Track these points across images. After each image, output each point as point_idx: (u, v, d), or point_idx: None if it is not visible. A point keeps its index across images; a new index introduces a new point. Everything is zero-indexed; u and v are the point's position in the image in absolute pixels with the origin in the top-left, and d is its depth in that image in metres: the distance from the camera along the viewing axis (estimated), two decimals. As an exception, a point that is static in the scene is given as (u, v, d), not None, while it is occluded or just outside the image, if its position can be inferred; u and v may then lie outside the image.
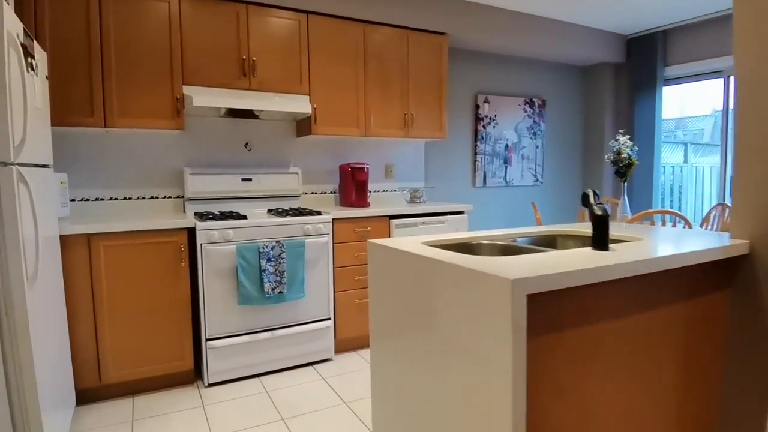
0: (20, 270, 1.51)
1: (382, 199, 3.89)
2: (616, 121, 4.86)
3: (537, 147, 4.71)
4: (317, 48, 3.17)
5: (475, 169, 4.35)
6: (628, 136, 3.64)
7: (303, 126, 3.32)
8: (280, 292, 2.71)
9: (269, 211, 3.19)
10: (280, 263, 2.70)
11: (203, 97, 2.73)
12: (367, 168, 3.46)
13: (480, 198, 4.44)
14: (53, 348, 1.90)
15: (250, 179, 3.21)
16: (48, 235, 1.97)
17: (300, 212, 2.94)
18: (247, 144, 3.31)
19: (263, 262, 2.66)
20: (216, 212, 2.97)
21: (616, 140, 3.65)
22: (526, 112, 4.60)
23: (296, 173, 3.39)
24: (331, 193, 3.65)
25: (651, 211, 3.12)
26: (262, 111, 3.07)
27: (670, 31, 4.38)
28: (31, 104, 1.72)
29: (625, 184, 3.65)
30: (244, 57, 2.93)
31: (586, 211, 4.33)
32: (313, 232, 2.87)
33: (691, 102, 5.56)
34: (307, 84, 3.15)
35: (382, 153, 3.85)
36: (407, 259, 1.38)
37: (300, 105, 3.01)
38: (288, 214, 2.88)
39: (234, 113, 3.15)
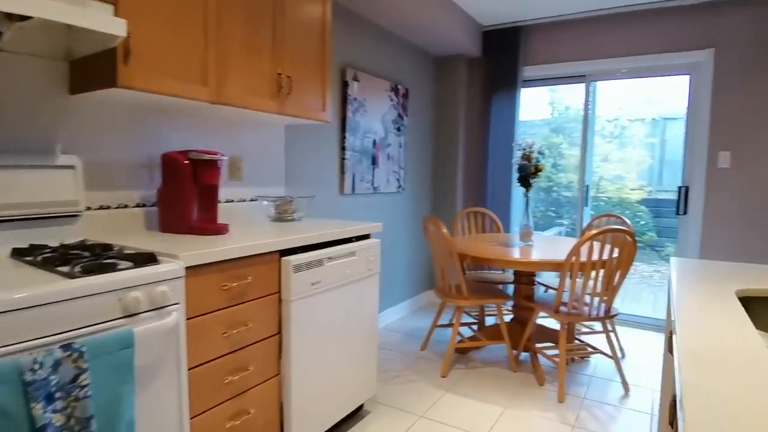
0: None
1: (232, 216, 2.36)
2: (470, 122, 4.37)
3: (401, 146, 3.82)
4: None
5: (343, 170, 3.18)
6: (535, 144, 3.06)
7: (91, 70, 1.60)
8: (75, 475, 1.06)
9: (16, 254, 1.39)
10: (76, 400, 1.05)
11: None
12: (222, 162, 1.94)
13: (349, 210, 3.29)
14: None
15: (-53, 178, 1.34)
16: None
17: (103, 259, 1.28)
18: (-65, 95, 1.39)
19: (37, 406, 0.97)
20: None
21: (519, 145, 3.04)
22: (392, 100, 3.66)
23: (72, 167, 1.63)
24: (139, 207, 1.97)
25: (601, 230, 2.53)
26: (14, 25, 1.28)
27: (531, 28, 4.07)
28: None
29: (529, 195, 3.07)
30: None
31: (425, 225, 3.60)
32: (148, 305, 1.28)
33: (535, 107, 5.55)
34: (108, -21, 1.47)
35: (222, 138, 2.33)
36: None
37: (100, 19, 1.34)
38: (75, 264, 1.21)
39: None
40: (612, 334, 3.34)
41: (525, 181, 3.00)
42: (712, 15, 3.47)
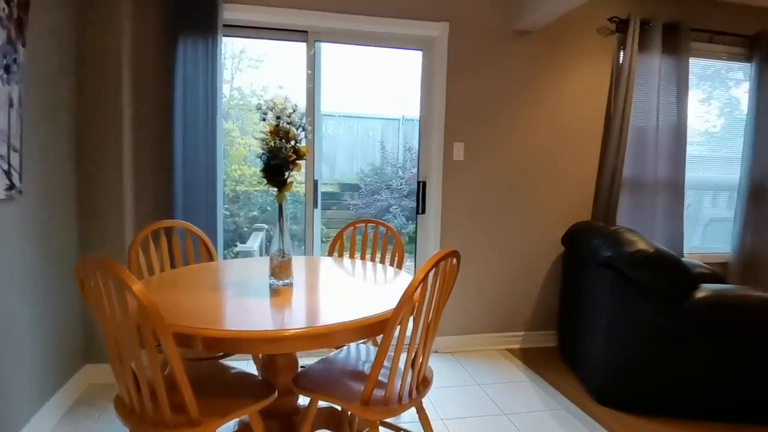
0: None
1: None
2: (144, 77, 2.68)
3: (12, 104, 1.83)
4: None
5: None
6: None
7: None
8: None
9: None
10: None
11: None
12: None
13: None
14: None
15: None
16: None
17: None
18: None
19: None
20: None
21: (265, 107, 1.73)
22: (-36, -4, 1.65)
23: None
24: None
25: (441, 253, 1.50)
26: None
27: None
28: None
29: (284, 200, 1.80)
30: None
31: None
32: None
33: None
34: None
35: None
36: None
37: None
38: None
39: None
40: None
41: (277, 173, 1.70)
42: (448, -18, 2.99)
